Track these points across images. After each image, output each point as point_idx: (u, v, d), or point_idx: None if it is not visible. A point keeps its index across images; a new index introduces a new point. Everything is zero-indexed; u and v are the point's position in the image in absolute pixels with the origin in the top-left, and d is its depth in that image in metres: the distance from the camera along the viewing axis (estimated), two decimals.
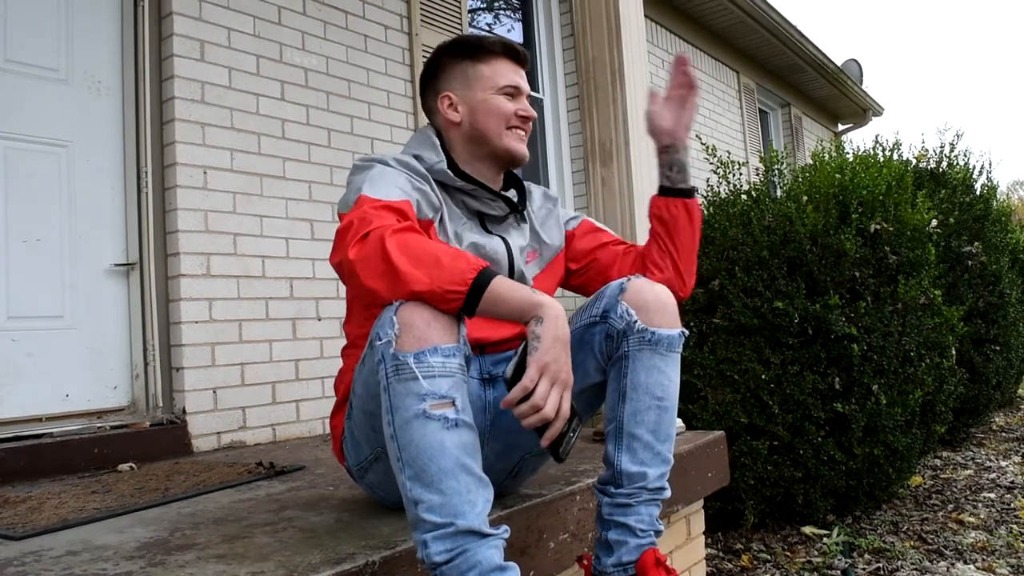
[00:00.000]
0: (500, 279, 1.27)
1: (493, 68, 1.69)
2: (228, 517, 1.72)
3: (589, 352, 1.50)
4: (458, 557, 1.17)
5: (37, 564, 1.42)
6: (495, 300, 1.26)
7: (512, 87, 1.69)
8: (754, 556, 2.93)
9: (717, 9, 7.02)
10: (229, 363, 3.08)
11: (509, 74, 1.69)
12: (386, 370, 1.23)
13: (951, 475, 4.06)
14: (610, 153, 2.56)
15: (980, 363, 4.53)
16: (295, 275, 3.35)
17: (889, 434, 3.01)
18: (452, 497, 1.18)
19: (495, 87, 1.68)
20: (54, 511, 1.88)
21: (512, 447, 1.61)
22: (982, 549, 2.90)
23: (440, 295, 1.24)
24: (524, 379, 1.23)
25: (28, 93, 2.82)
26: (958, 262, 4.44)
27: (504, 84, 1.68)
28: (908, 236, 3.21)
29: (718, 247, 3.19)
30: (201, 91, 3.11)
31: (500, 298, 1.26)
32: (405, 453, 1.21)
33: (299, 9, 3.55)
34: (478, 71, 1.69)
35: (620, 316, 1.45)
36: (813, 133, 10.09)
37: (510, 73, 1.70)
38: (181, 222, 2.99)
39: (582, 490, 1.83)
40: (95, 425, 2.79)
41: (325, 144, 3.57)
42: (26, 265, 2.76)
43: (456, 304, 1.25)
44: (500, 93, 1.68)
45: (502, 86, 1.68)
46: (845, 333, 2.95)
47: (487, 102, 1.67)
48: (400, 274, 1.24)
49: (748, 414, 2.97)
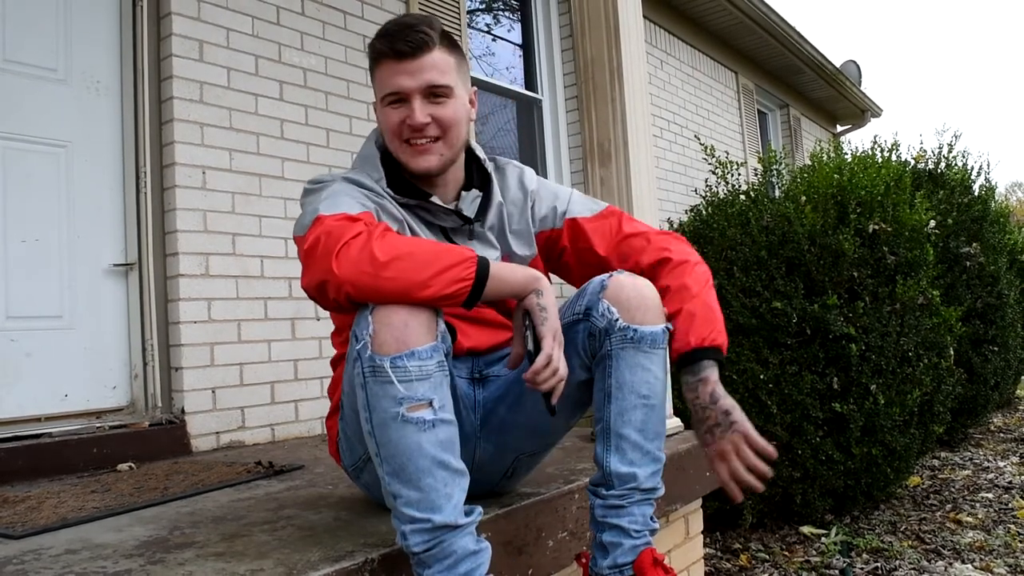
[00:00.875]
0: (495, 265, 1.32)
1: (379, 74, 1.51)
2: (227, 516, 1.72)
3: (574, 350, 1.47)
4: (435, 548, 1.22)
5: (37, 562, 1.42)
6: (497, 285, 1.32)
7: (393, 94, 1.48)
8: (752, 555, 2.93)
9: (716, 10, 7.02)
10: (228, 363, 3.08)
11: (389, 78, 1.47)
12: (363, 369, 1.24)
13: (949, 475, 4.07)
14: (609, 154, 2.56)
15: (978, 364, 4.54)
16: (294, 275, 3.35)
17: (887, 434, 3.02)
18: (429, 493, 1.22)
19: (381, 97, 1.51)
20: (53, 510, 1.88)
21: (504, 447, 1.60)
22: (980, 549, 2.90)
23: (445, 298, 1.27)
24: (545, 348, 1.32)
25: (27, 93, 2.82)
26: (956, 263, 4.45)
27: (384, 93, 1.49)
28: (906, 236, 3.22)
29: (716, 247, 3.20)
30: (200, 91, 3.12)
31: (502, 281, 1.34)
32: (383, 450, 1.24)
33: (298, 9, 3.55)
34: (375, 78, 1.53)
35: (601, 314, 1.43)
36: (812, 134, 10.10)
37: (390, 76, 1.47)
38: (180, 222, 2.99)
39: (580, 489, 1.83)
40: (94, 425, 2.79)
41: (324, 144, 3.58)
42: (25, 265, 2.76)
43: (459, 301, 1.28)
44: (386, 104, 1.50)
45: (383, 95, 1.49)
46: (843, 333, 2.95)
47: (379, 115, 1.53)
48: (399, 284, 1.24)
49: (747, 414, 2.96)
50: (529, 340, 1.35)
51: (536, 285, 1.36)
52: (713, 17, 7.19)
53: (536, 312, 1.35)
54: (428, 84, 1.47)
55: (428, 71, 1.47)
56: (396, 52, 1.46)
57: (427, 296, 1.25)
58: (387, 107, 1.49)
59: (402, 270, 1.24)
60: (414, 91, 1.46)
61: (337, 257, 1.26)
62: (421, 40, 1.46)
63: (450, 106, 1.50)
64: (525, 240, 1.67)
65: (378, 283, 1.24)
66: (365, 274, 1.24)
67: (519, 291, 1.36)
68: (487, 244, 1.62)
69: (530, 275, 1.37)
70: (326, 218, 1.34)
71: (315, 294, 1.32)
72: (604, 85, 2.58)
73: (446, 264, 1.27)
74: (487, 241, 1.62)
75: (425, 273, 1.25)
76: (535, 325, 1.34)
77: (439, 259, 1.27)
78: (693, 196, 5.67)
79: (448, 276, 1.26)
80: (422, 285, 1.24)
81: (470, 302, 1.30)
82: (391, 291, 1.24)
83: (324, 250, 1.28)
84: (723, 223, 3.24)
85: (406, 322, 1.23)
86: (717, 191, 3.67)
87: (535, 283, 1.37)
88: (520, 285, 1.36)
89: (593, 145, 2.60)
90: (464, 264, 1.28)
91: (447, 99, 1.50)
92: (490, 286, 1.31)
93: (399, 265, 1.24)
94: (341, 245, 1.27)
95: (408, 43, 1.45)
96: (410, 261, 1.25)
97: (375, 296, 1.25)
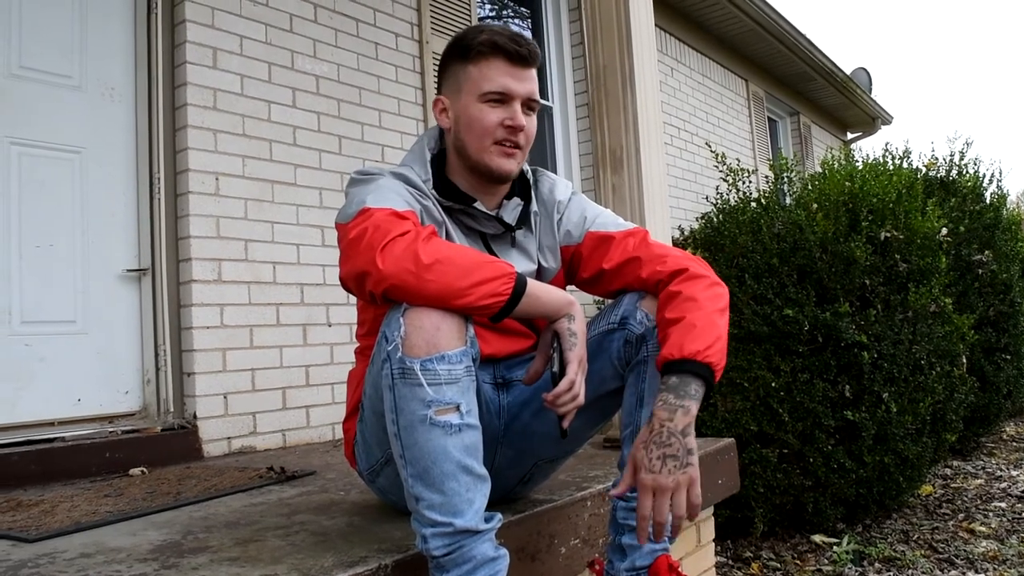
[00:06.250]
0: (531, 283, 1.33)
1: (481, 70, 1.48)
2: (240, 521, 1.73)
3: (606, 359, 1.49)
4: (455, 552, 1.23)
5: (51, 566, 1.43)
6: (531, 304, 1.33)
7: (498, 93, 1.47)
8: (764, 564, 2.92)
9: (727, 18, 7.02)
10: (240, 368, 3.09)
11: (498, 77, 1.47)
12: (391, 370, 1.25)
13: (961, 484, 4.04)
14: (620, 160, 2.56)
15: (991, 372, 4.51)
16: (306, 281, 3.36)
17: (899, 442, 3.00)
18: (452, 497, 1.22)
19: (479, 92, 1.48)
20: (67, 514, 1.89)
21: (525, 453, 1.61)
22: (993, 558, 2.88)
23: (478, 309, 1.28)
24: (569, 373, 1.33)
25: (42, 100, 2.84)
26: (968, 271, 4.43)
27: (488, 89, 1.47)
28: (918, 244, 3.21)
29: (728, 254, 3.19)
30: (213, 98, 3.14)
31: (536, 300, 1.34)
32: (408, 453, 1.24)
33: (310, 17, 3.57)
34: (467, 73, 1.50)
35: (639, 322, 1.46)
36: (822, 141, 10.09)
37: (499, 75, 1.47)
38: (193, 228, 3.01)
39: (593, 496, 1.83)
40: (107, 429, 2.81)
41: (336, 151, 3.59)
42: (39, 270, 2.77)
43: (490, 314, 1.30)
44: (484, 100, 1.48)
45: (485, 92, 1.47)
46: (855, 341, 2.94)
47: (469, 111, 1.49)
48: (439, 288, 1.25)
49: (758, 422, 2.96)
50: (555, 362, 1.36)
51: (569, 310, 1.38)
52: (724, 25, 7.19)
53: (566, 337, 1.36)
54: (531, 94, 1.50)
55: (533, 82, 1.51)
56: (514, 54, 1.48)
57: (462, 304, 1.26)
58: (484, 104, 1.48)
59: (443, 275, 1.25)
60: (520, 96, 1.49)
61: (382, 252, 1.27)
62: (535, 52, 1.50)
63: (534, 120, 1.54)
64: (552, 252, 1.66)
65: (419, 284, 1.25)
66: (408, 273, 1.25)
67: (551, 313, 1.37)
68: (526, 255, 1.62)
69: (564, 299, 1.38)
70: (374, 211, 1.35)
71: (352, 284, 1.34)
72: (616, 92, 2.59)
73: (486, 276, 1.28)
74: (526, 252, 1.62)
75: (465, 282, 1.26)
76: (563, 349, 1.36)
77: (480, 270, 1.28)
78: (703, 203, 5.66)
79: (486, 289, 1.28)
80: (460, 293, 1.26)
81: (499, 316, 1.31)
82: (430, 294, 1.25)
83: (369, 243, 1.29)
84: (734, 230, 3.23)
85: (438, 326, 1.24)
86: (728, 198, 3.67)
87: (568, 307, 1.38)
88: (553, 308, 1.37)
89: (605, 152, 2.60)
90: (503, 279, 1.30)
91: (533, 114, 1.53)
92: (524, 304, 1.32)
93: (441, 269, 1.25)
94: (388, 240, 1.28)
95: (527, 49, 1.49)
96: (452, 267, 1.26)
97: (414, 297, 1.26)
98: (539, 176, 1.71)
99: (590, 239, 1.62)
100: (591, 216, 1.65)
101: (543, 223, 1.66)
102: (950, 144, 7.94)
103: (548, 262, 1.65)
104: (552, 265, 1.65)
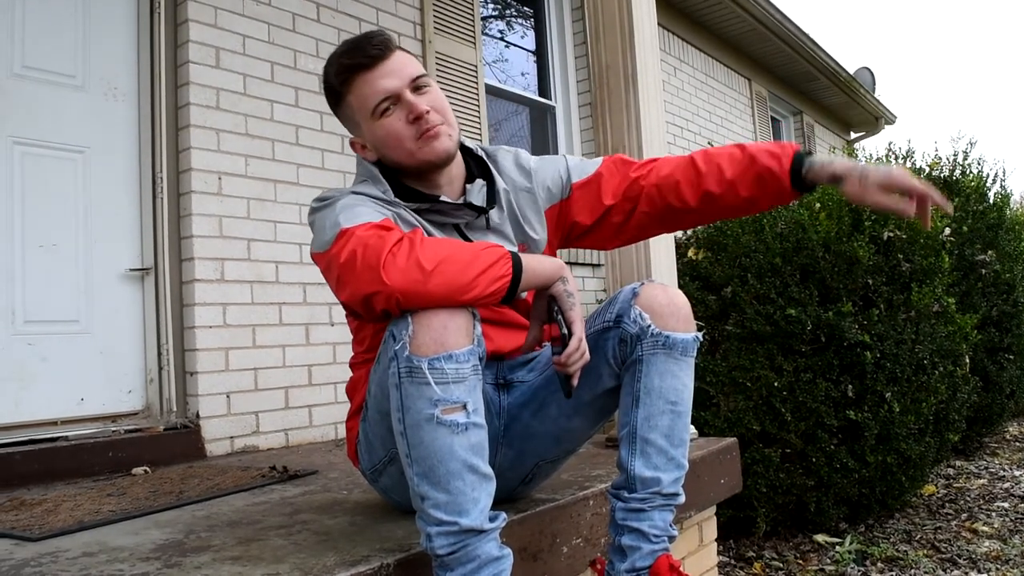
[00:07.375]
0: (525, 257, 1.34)
1: (355, 95, 1.48)
2: (243, 520, 1.73)
3: (602, 357, 1.49)
4: (460, 551, 1.23)
5: (54, 565, 1.43)
6: (530, 278, 1.34)
7: (383, 101, 1.46)
8: (766, 564, 2.92)
9: (730, 17, 7.01)
10: (242, 368, 3.10)
11: (369, 90, 1.46)
12: (399, 369, 1.25)
13: (964, 484, 4.04)
14: None
15: (994, 372, 4.51)
16: (308, 280, 3.36)
17: (902, 442, 3.00)
18: (457, 496, 1.23)
19: (369, 113, 1.48)
20: (70, 513, 1.89)
21: (525, 453, 1.61)
22: (996, 558, 2.88)
23: (487, 297, 1.29)
24: (576, 331, 1.35)
25: (45, 99, 2.84)
26: (972, 270, 4.42)
27: (373, 105, 1.46)
28: (921, 244, 3.20)
29: (731, 254, 3.19)
30: (216, 97, 3.14)
31: (534, 273, 1.35)
32: (414, 451, 1.24)
33: (313, 16, 3.57)
34: (349, 106, 1.51)
35: (633, 320, 1.45)
36: (825, 141, 10.07)
37: (370, 88, 1.46)
38: (196, 227, 3.01)
39: (595, 495, 1.82)
40: (109, 429, 2.81)
41: (339, 151, 3.59)
42: (42, 270, 2.78)
43: (498, 299, 1.31)
44: (379, 116, 1.47)
45: (372, 108, 1.47)
46: (858, 340, 2.94)
47: (376, 133, 1.49)
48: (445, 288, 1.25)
49: (760, 421, 2.96)
50: (562, 324, 1.38)
51: (562, 273, 1.40)
52: (727, 24, 7.18)
53: (564, 299, 1.38)
54: (411, 77, 1.47)
55: (405, 67, 1.48)
56: (369, 58, 1.46)
57: (471, 298, 1.27)
58: (382, 118, 1.47)
59: (447, 274, 1.25)
60: (401, 87, 1.46)
61: (385, 268, 1.25)
62: (383, 42, 1.48)
63: (435, 92, 1.51)
64: (538, 222, 1.65)
65: (428, 289, 1.24)
66: (416, 282, 1.24)
67: (547, 281, 1.38)
68: (503, 236, 1.60)
69: (555, 264, 1.40)
70: (353, 229, 1.33)
71: (360, 307, 1.32)
72: (619, 91, 2.58)
73: (486, 264, 1.29)
74: (502, 233, 1.61)
75: (468, 275, 1.26)
76: (564, 311, 1.37)
77: (479, 259, 1.29)
78: None
79: (489, 275, 1.28)
80: (467, 288, 1.26)
81: (508, 298, 1.32)
82: (439, 296, 1.25)
83: (366, 262, 1.27)
84: (737, 230, 3.23)
85: (445, 324, 1.24)
86: None
87: (560, 271, 1.40)
88: (548, 275, 1.38)
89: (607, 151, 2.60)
90: (500, 262, 1.30)
91: (430, 88, 1.51)
92: (524, 280, 1.33)
93: (444, 270, 1.25)
94: (386, 255, 1.26)
95: (376, 47, 1.46)
96: (453, 265, 1.26)
97: (424, 302, 1.25)
98: (496, 153, 1.68)
99: (578, 190, 1.65)
100: (563, 167, 1.67)
101: (520, 196, 1.64)
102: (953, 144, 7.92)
103: (537, 233, 1.65)
104: (540, 236, 1.65)
